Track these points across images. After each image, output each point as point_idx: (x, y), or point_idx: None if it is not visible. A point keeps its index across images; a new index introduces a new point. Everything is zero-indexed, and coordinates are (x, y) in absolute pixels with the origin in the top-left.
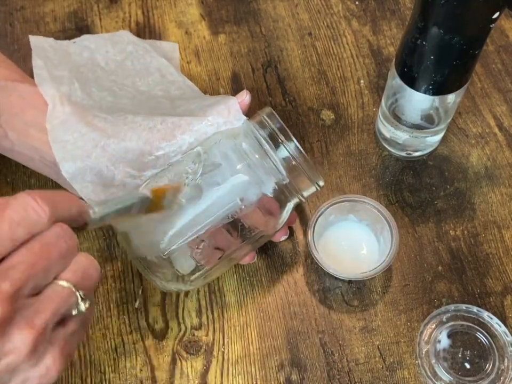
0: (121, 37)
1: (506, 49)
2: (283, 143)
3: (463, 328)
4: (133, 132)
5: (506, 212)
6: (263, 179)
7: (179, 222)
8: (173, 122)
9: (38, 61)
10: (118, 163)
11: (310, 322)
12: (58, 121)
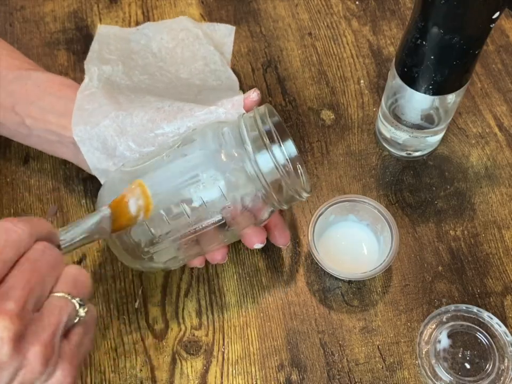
0: (178, 23)
1: (506, 49)
2: (267, 147)
3: (463, 328)
4: (141, 109)
5: (506, 211)
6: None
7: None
8: (179, 106)
9: (95, 45)
10: (122, 135)
11: (310, 322)
12: (88, 92)
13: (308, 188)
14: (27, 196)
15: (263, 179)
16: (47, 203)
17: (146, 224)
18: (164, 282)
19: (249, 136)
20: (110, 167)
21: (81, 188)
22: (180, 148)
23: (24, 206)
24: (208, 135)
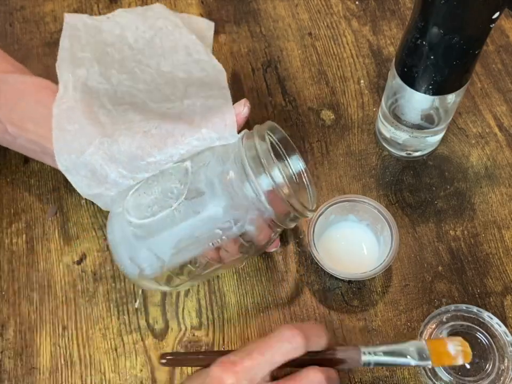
0: (154, 11)
1: (506, 49)
2: (267, 172)
3: (463, 328)
4: (127, 134)
5: (506, 211)
6: (246, 212)
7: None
8: (167, 129)
9: (65, 41)
10: (111, 162)
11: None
12: (66, 106)
13: (314, 205)
14: (27, 196)
15: (269, 209)
16: (47, 203)
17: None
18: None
19: (254, 174)
20: (102, 192)
21: None
22: (188, 202)
23: (24, 206)
24: (215, 186)
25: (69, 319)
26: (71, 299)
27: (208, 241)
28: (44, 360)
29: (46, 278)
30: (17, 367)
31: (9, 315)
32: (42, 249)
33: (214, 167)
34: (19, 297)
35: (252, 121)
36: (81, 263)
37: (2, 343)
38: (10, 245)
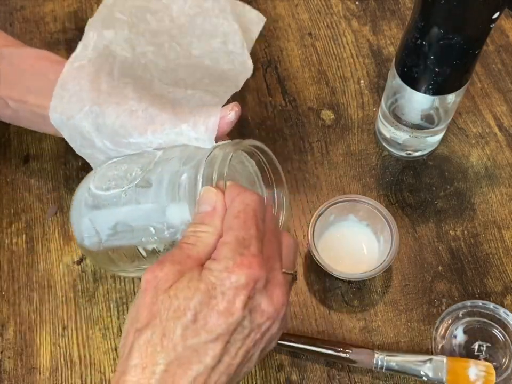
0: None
1: (506, 49)
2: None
3: (479, 324)
4: (114, 109)
5: (506, 211)
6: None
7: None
8: (151, 114)
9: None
10: (98, 132)
11: (310, 322)
12: (77, 65)
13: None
14: (27, 196)
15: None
16: (47, 203)
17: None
18: None
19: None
20: (94, 153)
21: None
22: (136, 189)
23: (24, 206)
24: (163, 184)
25: (69, 319)
26: (71, 299)
27: (142, 235)
28: (43, 360)
29: (46, 278)
30: (17, 367)
31: (9, 315)
32: (42, 249)
33: (172, 164)
34: (19, 297)
35: (252, 121)
36: (81, 263)
37: (2, 343)
38: (10, 245)
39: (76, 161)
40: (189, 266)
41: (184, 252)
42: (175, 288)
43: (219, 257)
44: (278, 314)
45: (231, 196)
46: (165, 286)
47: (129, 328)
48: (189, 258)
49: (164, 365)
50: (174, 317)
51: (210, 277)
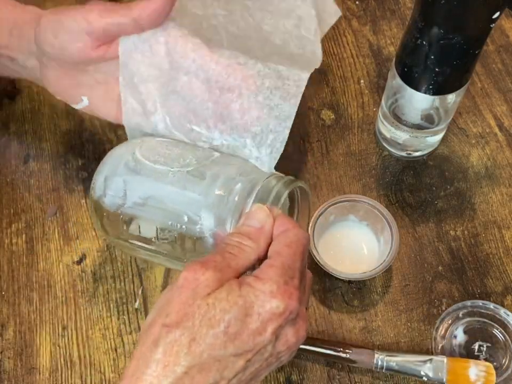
0: None
1: (506, 49)
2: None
3: (480, 324)
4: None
5: (506, 211)
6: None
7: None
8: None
9: None
10: (163, 106)
11: (310, 322)
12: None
13: None
14: (27, 196)
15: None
16: (47, 203)
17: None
18: (164, 283)
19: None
20: (143, 124)
21: (81, 188)
22: (187, 175)
23: (24, 206)
24: (216, 183)
25: (69, 319)
26: (71, 299)
27: (171, 219)
28: (43, 360)
29: (46, 278)
30: (17, 367)
31: (9, 315)
32: (42, 249)
33: (230, 170)
34: (19, 297)
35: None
36: (81, 263)
37: (2, 343)
38: (10, 245)
39: (76, 161)
40: (228, 277)
41: (226, 261)
42: (214, 298)
43: (264, 277)
44: (297, 346)
45: (281, 226)
46: (204, 291)
47: (156, 318)
48: (229, 268)
49: (185, 367)
50: (207, 324)
51: (251, 295)
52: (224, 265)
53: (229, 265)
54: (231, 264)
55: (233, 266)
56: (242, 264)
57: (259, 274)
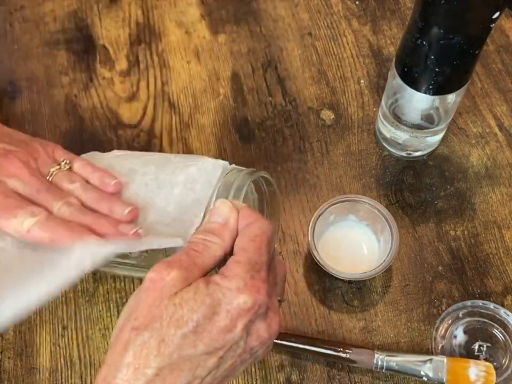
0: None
1: (506, 49)
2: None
3: (479, 324)
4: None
5: (506, 211)
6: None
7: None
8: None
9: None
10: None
11: (310, 322)
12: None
13: None
14: None
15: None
16: None
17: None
18: None
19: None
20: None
21: None
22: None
23: None
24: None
25: (69, 319)
26: (71, 299)
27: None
28: (43, 360)
29: None
30: (17, 367)
31: None
32: None
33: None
34: None
35: (252, 121)
36: None
37: (2, 343)
38: None
39: None
40: (194, 275)
41: (191, 259)
42: (181, 298)
43: (230, 274)
44: (271, 340)
45: (245, 219)
46: (170, 291)
47: (125, 322)
48: (195, 266)
49: (156, 369)
50: (175, 325)
51: (218, 293)
52: (189, 264)
53: (194, 263)
54: (196, 262)
55: (199, 264)
56: (208, 261)
57: (225, 271)
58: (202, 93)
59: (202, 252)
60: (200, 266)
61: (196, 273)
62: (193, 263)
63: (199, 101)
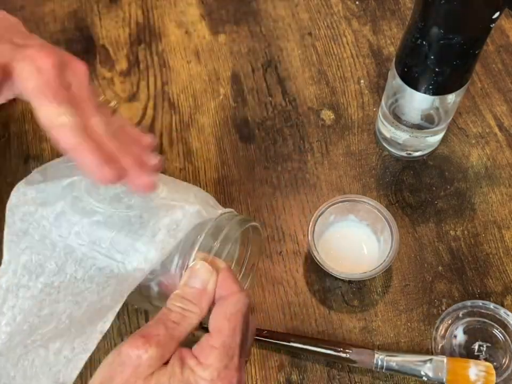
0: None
1: (506, 49)
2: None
3: (479, 324)
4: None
5: (506, 211)
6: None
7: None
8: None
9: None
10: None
11: (310, 322)
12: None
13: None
14: None
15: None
16: None
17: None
18: None
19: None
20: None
21: None
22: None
23: None
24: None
25: None
26: None
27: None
28: None
29: None
30: None
31: None
32: None
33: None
34: None
35: (252, 121)
36: None
37: None
38: None
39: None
40: (170, 350)
41: (169, 332)
42: (157, 380)
43: (205, 362)
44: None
45: (223, 286)
46: (147, 372)
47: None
48: (172, 340)
49: None
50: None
51: (192, 380)
52: (167, 339)
53: (172, 337)
54: (174, 335)
55: (176, 337)
56: (185, 331)
57: (200, 357)
58: (202, 93)
59: (180, 322)
60: (177, 339)
61: (172, 347)
62: (171, 337)
63: (199, 101)
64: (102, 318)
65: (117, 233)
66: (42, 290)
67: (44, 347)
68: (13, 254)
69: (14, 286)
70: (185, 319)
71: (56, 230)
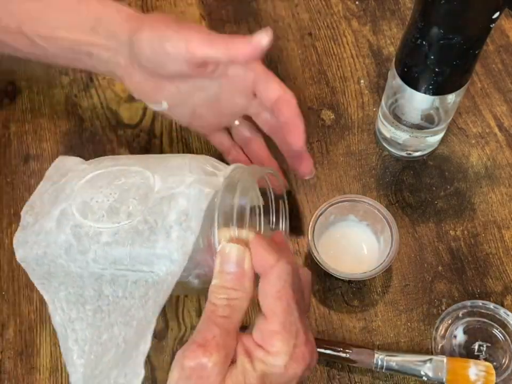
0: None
1: (506, 49)
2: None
3: (479, 324)
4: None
5: (506, 211)
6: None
7: None
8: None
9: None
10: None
11: (310, 322)
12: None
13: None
14: (27, 196)
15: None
16: None
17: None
18: None
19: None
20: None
21: None
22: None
23: None
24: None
25: None
26: None
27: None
28: (43, 360)
29: None
30: (17, 367)
31: (9, 315)
32: None
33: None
34: (19, 297)
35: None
36: None
37: (2, 343)
38: (10, 245)
39: None
40: (232, 346)
41: (223, 329)
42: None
43: (273, 350)
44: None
45: (259, 260)
46: (218, 379)
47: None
48: (229, 336)
49: None
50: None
51: (267, 372)
52: (224, 337)
53: (228, 333)
54: (229, 329)
55: (231, 330)
56: (238, 320)
57: (266, 345)
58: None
59: (230, 315)
60: (233, 332)
61: (232, 343)
62: (227, 334)
63: None
64: (142, 338)
65: (131, 247)
66: (94, 317)
67: (107, 378)
68: (51, 294)
69: (67, 322)
70: (234, 309)
71: (73, 263)
